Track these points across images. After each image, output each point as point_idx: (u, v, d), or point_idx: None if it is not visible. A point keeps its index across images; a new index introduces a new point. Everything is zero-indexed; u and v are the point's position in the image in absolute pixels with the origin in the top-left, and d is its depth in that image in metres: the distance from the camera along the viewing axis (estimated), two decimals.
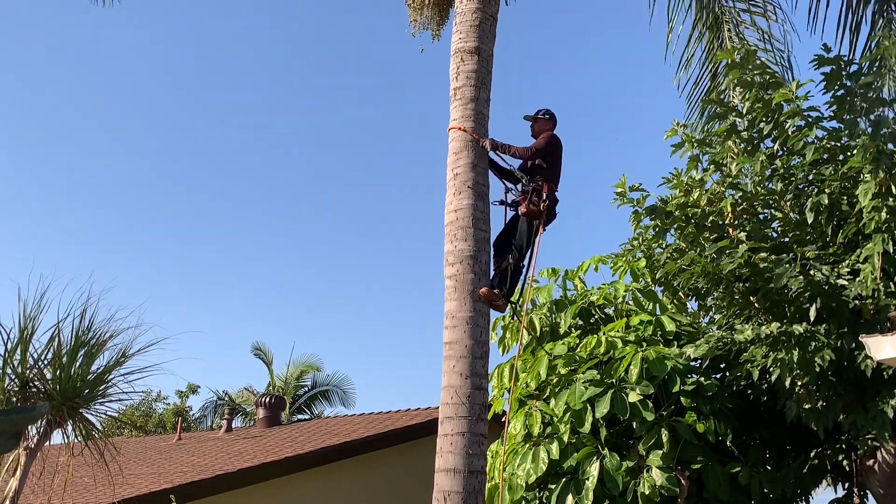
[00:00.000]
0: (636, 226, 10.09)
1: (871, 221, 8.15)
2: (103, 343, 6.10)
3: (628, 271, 10.68)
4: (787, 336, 8.25)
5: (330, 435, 14.56)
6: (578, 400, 8.95)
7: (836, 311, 8.49)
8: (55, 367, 5.96)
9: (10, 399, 5.79)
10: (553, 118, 8.27)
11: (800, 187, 9.22)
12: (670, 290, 10.04)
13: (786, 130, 9.10)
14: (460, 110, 7.73)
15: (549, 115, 8.27)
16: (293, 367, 28.37)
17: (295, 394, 27.97)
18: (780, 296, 8.83)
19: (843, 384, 8.49)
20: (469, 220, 7.32)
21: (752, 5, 10.21)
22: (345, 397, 28.47)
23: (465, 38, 7.94)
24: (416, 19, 9.44)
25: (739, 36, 10.09)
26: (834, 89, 8.91)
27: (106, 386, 6.16)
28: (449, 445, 6.67)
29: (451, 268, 7.23)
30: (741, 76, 9.32)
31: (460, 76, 7.84)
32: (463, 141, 7.59)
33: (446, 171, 7.64)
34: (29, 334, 5.90)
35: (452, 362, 6.92)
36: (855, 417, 8.38)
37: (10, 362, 5.85)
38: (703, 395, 9.00)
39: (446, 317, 7.13)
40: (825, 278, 8.41)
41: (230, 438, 16.95)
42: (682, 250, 9.45)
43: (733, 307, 9.47)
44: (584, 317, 10.60)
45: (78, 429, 6.14)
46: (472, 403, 6.77)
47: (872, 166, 8.18)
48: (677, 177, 9.82)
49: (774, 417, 9.30)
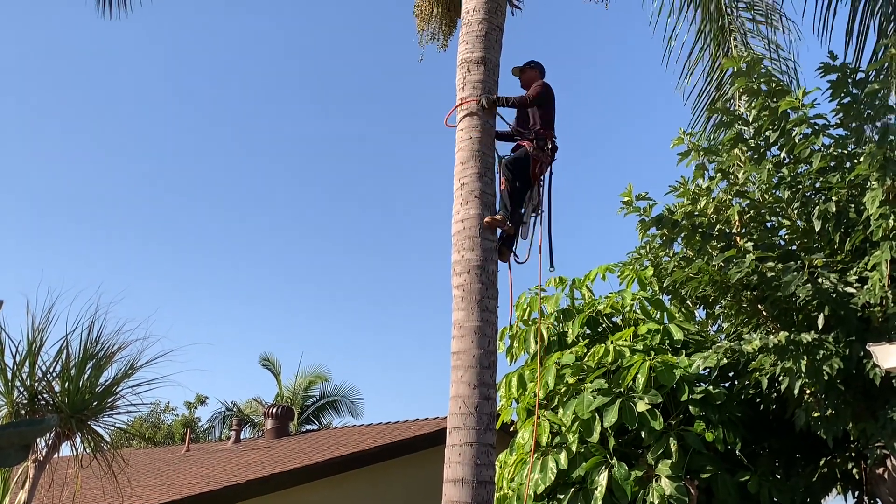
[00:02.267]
0: (643, 234, 10.10)
1: (879, 229, 8.13)
2: (111, 355, 6.11)
3: (636, 280, 10.65)
4: (796, 345, 8.23)
5: (338, 445, 14.55)
6: (587, 409, 8.92)
7: (844, 320, 8.46)
8: (63, 379, 5.97)
9: (18, 411, 5.80)
10: (541, 67, 8.33)
11: (807, 195, 9.21)
12: (678, 299, 10.02)
13: (792, 138, 9.09)
14: (467, 120, 7.72)
15: (536, 64, 8.34)
16: (301, 377, 28.36)
17: (303, 404, 27.95)
18: (788, 304, 8.80)
19: (852, 392, 8.47)
20: (476, 229, 7.30)
21: (759, 14, 10.21)
22: (353, 408, 28.45)
23: (472, 48, 7.94)
24: (424, 29, 9.46)
25: (746, 45, 10.09)
26: (840, 97, 8.92)
27: (114, 398, 6.17)
28: (457, 456, 6.65)
29: (459, 277, 7.21)
30: (747, 84, 9.32)
31: (467, 86, 7.84)
32: (469, 151, 7.58)
33: (453, 182, 7.63)
34: (37, 347, 5.92)
35: (460, 372, 6.90)
36: (864, 426, 8.34)
37: (19, 375, 5.86)
38: (712, 404, 8.97)
39: (454, 326, 7.11)
40: (833, 286, 8.39)
41: (239, 449, 16.96)
42: (689, 259, 9.44)
43: (741, 315, 9.45)
44: (592, 326, 10.58)
45: (86, 441, 6.14)
46: (481, 413, 6.75)
47: (879, 174, 8.17)
48: (684, 185, 9.82)
49: (783, 426, 9.27)
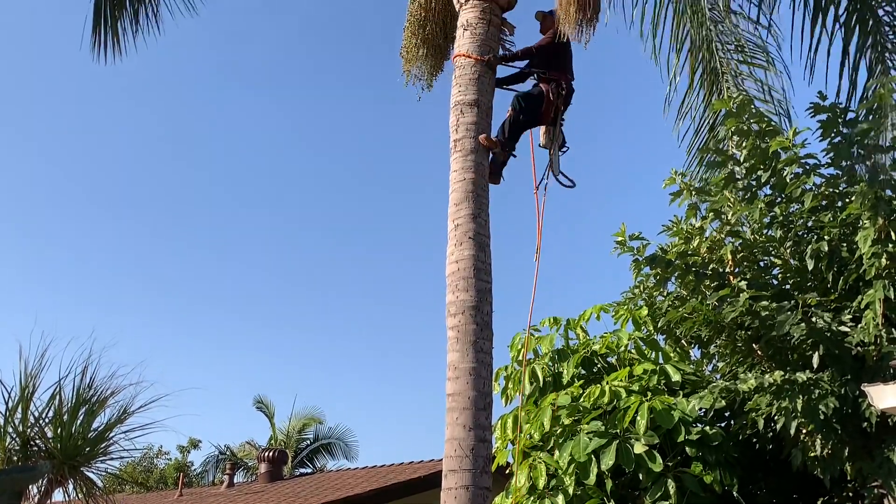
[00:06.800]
0: (637, 274, 10.12)
1: (872, 268, 8.15)
2: (104, 400, 6.06)
3: (630, 320, 10.65)
4: (791, 384, 8.22)
5: (332, 489, 14.44)
6: (583, 452, 8.87)
7: (839, 359, 8.46)
8: (56, 425, 5.91)
9: (11, 458, 5.75)
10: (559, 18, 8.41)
11: (799, 234, 9.25)
12: (673, 339, 10.02)
13: (783, 178, 9.15)
14: (460, 162, 7.76)
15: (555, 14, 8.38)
16: (295, 419, 28.22)
17: (297, 447, 27.77)
18: (783, 343, 8.81)
19: (849, 432, 8.44)
20: (471, 270, 7.30)
21: (752, 57, 10.30)
22: (347, 450, 28.30)
23: (465, 90, 8.00)
24: (409, 70, 9.52)
25: (739, 87, 10.18)
26: (831, 136, 8.99)
27: (107, 444, 6.11)
28: (453, 499, 6.59)
29: (453, 318, 7.20)
30: (738, 125, 9.40)
31: (460, 128, 7.89)
32: (463, 192, 7.61)
33: (447, 223, 7.66)
34: (30, 392, 5.87)
35: (455, 414, 6.86)
36: (861, 465, 8.31)
37: (12, 421, 5.81)
38: (709, 445, 8.92)
39: (448, 368, 7.09)
40: (827, 325, 8.41)
41: (232, 493, 16.83)
42: (683, 298, 9.45)
43: (736, 355, 9.44)
44: (587, 366, 10.55)
45: (79, 487, 6.08)
46: (476, 456, 6.71)
47: (871, 213, 8.21)
48: (677, 224, 9.86)
49: (780, 466, 9.22)
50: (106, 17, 9.91)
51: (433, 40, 9.34)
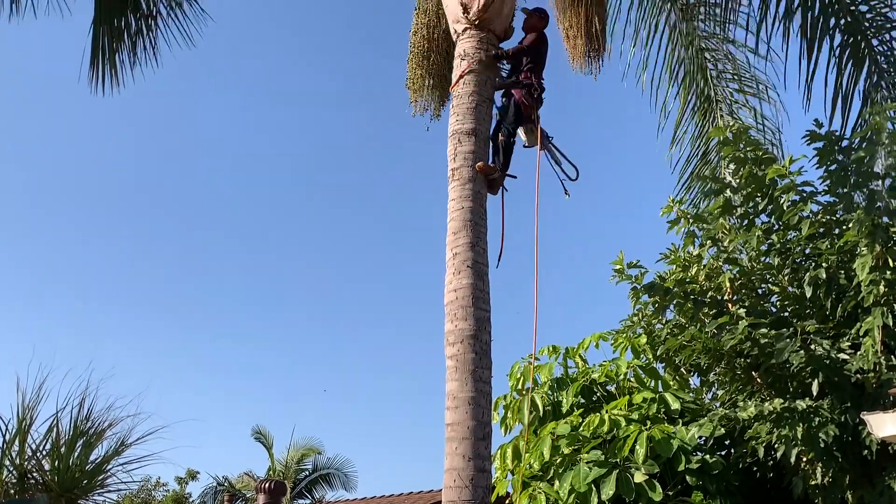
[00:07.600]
0: (635, 302, 10.12)
1: (870, 295, 8.15)
2: (102, 432, 6.03)
3: (629, 348, 10.63)
4: (791, 412, 8.20)
5: None
6: (583, 481, 8.82)
7: (838, 386, 8.44)
8: (53, 457, 5.88)
9: (8, 491, 5.71)
10: (547, 17, 8.52)
11: (797, 261, 9.25)
12: (672, 367, 9.99)
13: (780, 205, 9.17)
14: (458, 190, 7.77)
15: (543, 13, 8.50)
16: (294, 450, 28.00)
17: (296, 478, 27.55)
18: (782, 371, 8.79)
19: (849, 460, 8.40)
20: (469, 299, 7.29)
21: (746, 87, 10.38)
22: (346, 481, 28.06)
23: (462, 119, 8.02)
24: (417, 101, 9.58)
25: (733, 116, 10.24)
26: (827, 164, 9.02)
27: (104, 476, 6.07)
28: None
29: (452, 347, 7.18)
30: (734, 153, 9.43)
31: (458, 157, 7.90)
32: (461, 221, 7.61)
33: (445, 252, 7.66)
34: (27, 425, 5.84)
35: (455, 444, 6.83)
36: (862, 493, 8.27)
37: (9, 453, 5.78)
38: (709, 474, 8.88)
39: (447, 397, 7.06)
40: (826, 353, 8.40)
41: None
42: (682, 326, 9.44)
43: (735, 383, 9.42)
44: (587, 395, 10.52)
45: None
46: (476, 486, 6.66)
47: (868, 240, 8.22)
48: (674, 252, 9.87)
49: (781, 494, 9.17)
50: (104, 49, 9.93)
51: (438, 70, 9.42)
